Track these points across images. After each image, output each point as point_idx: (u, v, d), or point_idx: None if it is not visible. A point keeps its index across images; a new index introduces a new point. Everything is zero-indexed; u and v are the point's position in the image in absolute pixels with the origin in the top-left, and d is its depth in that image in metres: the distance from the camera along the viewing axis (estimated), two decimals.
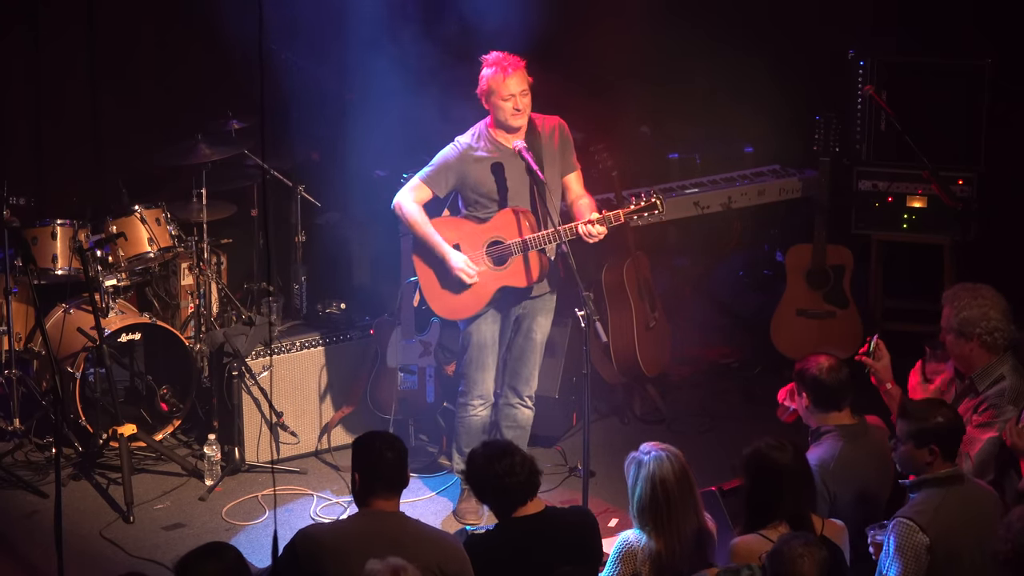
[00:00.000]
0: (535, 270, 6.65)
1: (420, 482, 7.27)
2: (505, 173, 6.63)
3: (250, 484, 7.29)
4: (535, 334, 6.81)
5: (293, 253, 8.21)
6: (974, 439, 5.72)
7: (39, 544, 6.63)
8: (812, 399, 5.68)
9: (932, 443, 5.11)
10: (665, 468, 5.03)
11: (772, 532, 4.95)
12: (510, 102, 6.53)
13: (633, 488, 5.08)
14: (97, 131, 8.70)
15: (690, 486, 5.07)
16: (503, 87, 6.53)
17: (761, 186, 8.63)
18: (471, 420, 6.89)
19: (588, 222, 6.49)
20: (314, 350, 7.58)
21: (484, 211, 6.67)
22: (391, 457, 5.02)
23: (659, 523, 5.01)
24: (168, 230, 7.78)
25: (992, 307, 5.88)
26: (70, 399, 7.36)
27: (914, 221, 8.33)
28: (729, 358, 8.70)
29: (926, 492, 5.12)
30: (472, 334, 6.78)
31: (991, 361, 5.87)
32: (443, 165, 6.66)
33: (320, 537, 4.94)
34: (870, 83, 8.18)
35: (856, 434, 5.64)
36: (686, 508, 5.03)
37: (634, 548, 5.02)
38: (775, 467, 5.00)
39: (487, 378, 6.83)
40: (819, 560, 4.50)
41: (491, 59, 6.59)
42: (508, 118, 6.56)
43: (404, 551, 4.72)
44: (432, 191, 6.67)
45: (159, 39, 8.74)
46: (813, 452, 5.60)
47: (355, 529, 5.01)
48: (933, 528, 4.98)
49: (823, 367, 5.65)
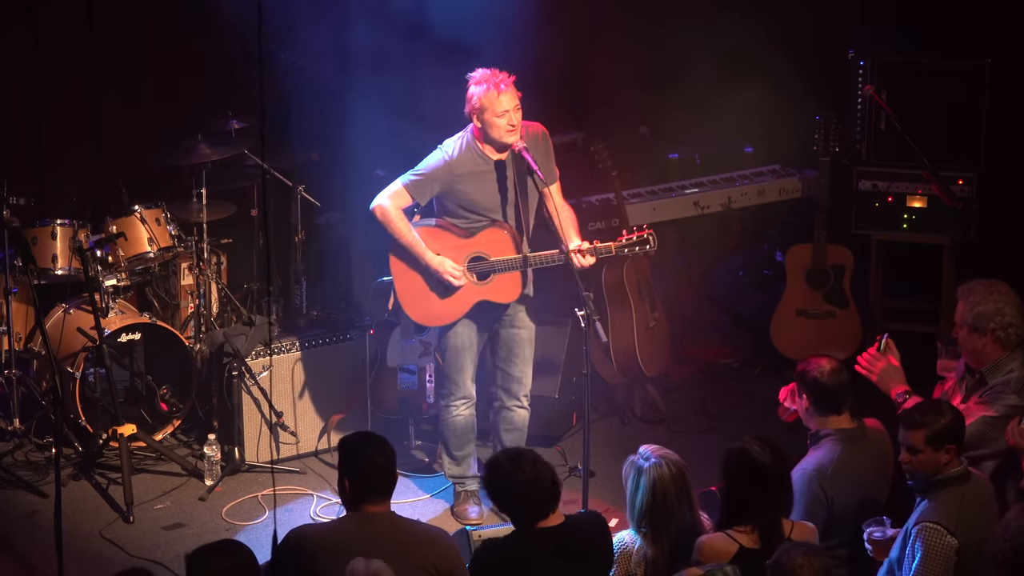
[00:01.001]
0: (518, 288, 6.66)
1: (419, 483, 7.26)
2: (489, 185, 6.61)
3: (250, 484, 7.29)
4: (519, 332, 6.80)
5: (293, 253, 8.20)
6: (969, 412, 5.76)
7: (39, 544, 6.62)
8: (812, 401, 5.67)
9: (948, 443, 5.13)
10: (664, 475, 5.03)
11: (741, 533, 4.94)
12: (504, 119, 6.48)
13: (633, 494, 5.07)
14: (97, 131, 8.70)
15: (687, 490, 5.07)
16: (497, 104, 6.47)
17: (761, 186, 8.63)
18: (455, 421, 6.89)
19: (579, 251, 6.48)
20: (314, 350, 7.58)
21: (465, 221, 6.66)
22: (381, 462, 4.97)
23: (656, 528, 5.02)
24: (168, 230, 7.78)
25: (1007, 303, 5.90)
26: (70, 399, 7.36)
27: (914, 221, 8.33)
28: (729, 358, 8.69)
29: (946, 493, 5.11)
30: (448, 337, 6.78)
31: (1003, 356, 5.88)
32: (428, 176, 6.60)
33: (312, 537, 4.91)
34: (870, 83, 8.18)
35: (855, 438, 5.63)
36: (683, 512, 5.04)
37: (629, 549, 5.03)
38: (754, 467, 4.99)
39: (466, 378, 6.83)
40: (820, 569, 4.48)
41: (479, 76, 6.52)
42: (503, 135, 6.51)
43: (398, 551, 4.72)
44: (413, 199, 6.63)
45: (159, 39, 8.74)
46: (812, 456, 5.59)
47: (347, 530, 4.98)
48: (960, 530, 5.00)
49: (824, 370, 5.64)
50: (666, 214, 8.41)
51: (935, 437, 5.12)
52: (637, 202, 8.33)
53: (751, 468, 4.99)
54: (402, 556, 4.74)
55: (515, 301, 6.74)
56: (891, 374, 5.94)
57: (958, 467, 5.15)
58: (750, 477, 5.00)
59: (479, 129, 6.56)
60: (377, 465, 4.96)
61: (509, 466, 5.00)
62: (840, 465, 5.53)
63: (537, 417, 7.08)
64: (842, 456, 5.55)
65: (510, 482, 4.99)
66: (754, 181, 8.67)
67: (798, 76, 8.83)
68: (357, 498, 4.98)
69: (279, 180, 8.11)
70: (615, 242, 6.55)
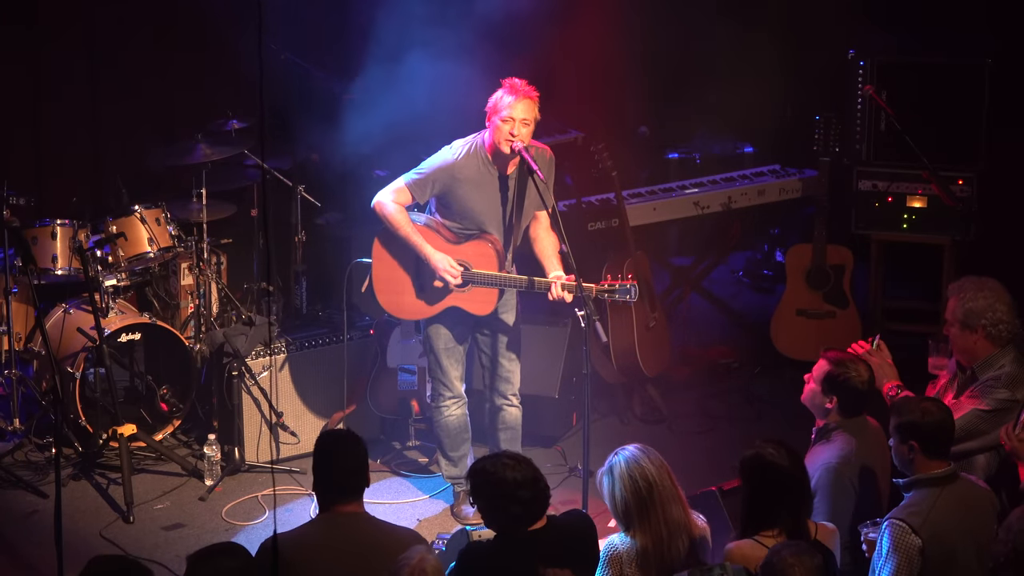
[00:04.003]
0: (492, 304, 6.66)
1: (418, 483, 7.26)
2: (487, 196, 6.61)
3: (250, 484, 7.29)
4: (502, 332, 6.80)
5: (293, 253, 8.20)
6: (960, 405, 5.75)
7: (39, 544, 6.62)
8: (841, 403, 5.65)
9: (911, 439, 5.12)
10: (639, 459, 4.97)
11: (768, 538, 4.93)
12: (508, 125, 6.45)
13: (610, 494, 5.03)
14: (97, 131, 8.71)
15: (668, 475, 5.01)
16: (506, 108, 6.45)
17: (761, 186, 8.63)
18: (447, 421, 6.89)
19: (561, 286, 6.45)
20: (314, 350, 7.58)
21: (457, 224, 6.66)
22: (351, 465, 4.97)
23: (642, 515, 4.94)
24: (168, 230, 7.78)
25: (998, 300, 5.92)
26: (70, 399, 7.36)
27: (914, 221, 8.33)
28: (729, 358, 8.69)
29: (919, 492, 5.12)
30: (432, 337, 6.79)
31: (994, 352, 5.89)
32: (431, 175, 6.60)
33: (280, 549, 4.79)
34: (870, 83, 8.18)
35: (862, 429, 5.64)
36: (667, 497, 4.96)
37: (619, 551, 4.98)
38: (774, 471, 4.98)
39: (453, 379, 6.83)
40: (810, 568, 4.48)
41: (508, 81, 6.53)
42: (501, 140, 6.48)
43: (364, 552, 4.72)
44: (413, 197, 6.64)
45: (159, 39, 8.74)
46: (827, 450, 5.58)
47: (316, 533, 4.97)
48: (926, 529, 4.98)
49: (864, 379, 5.62)
50: (666, 214, 8.41)
51: (899, 428, 5.14)
52: (637, 202, 8.33)
53: (771, 473, 4.97)
54: (368, 557, 4.74)
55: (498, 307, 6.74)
56: (884, 370, 5.95)
57: (938, 470, 5.13)
58: (771, 482, 4.97)
59: (489, 134, 6.56)
60: (347, 468, 4.96)
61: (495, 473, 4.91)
62: (860, 455, 5.53)
63: (537, 417, 7.08)
64: (859, 447, 5.54)
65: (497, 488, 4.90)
66: (754, 181, 8.67)
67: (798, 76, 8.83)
68: (328, 499, 4.98)
69: (279, 180, 8.11)
70: (596, 285, 6.52)
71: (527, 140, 6.51)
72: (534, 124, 6.52)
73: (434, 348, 6.80)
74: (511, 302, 6.83)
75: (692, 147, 9.56)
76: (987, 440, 5.83)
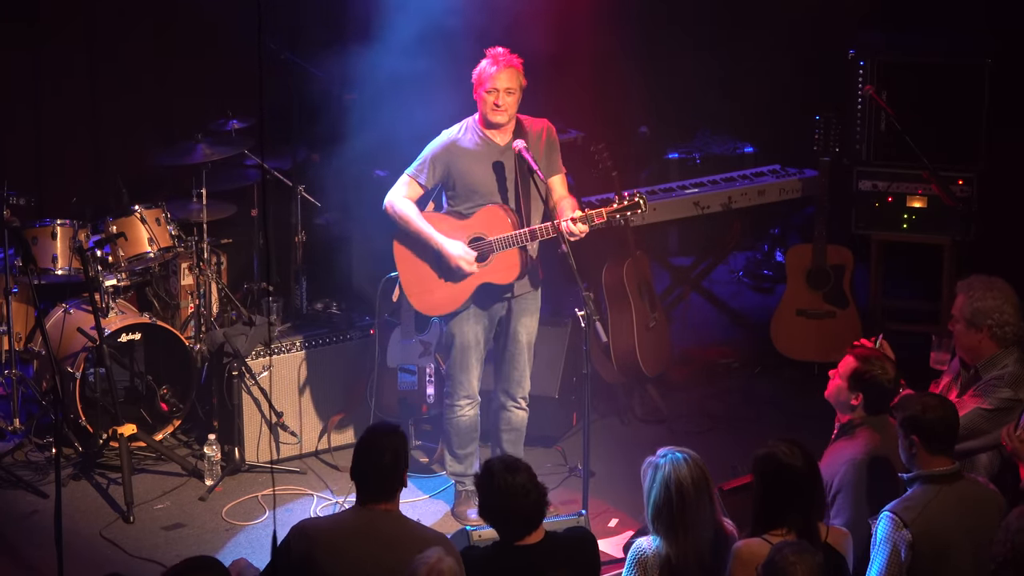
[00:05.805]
0: (517, 267, 6.64)
1: (419, 483, 7.26)
2: (490, 168, 6.62)
3: (250, 484, 7.29)
4: (521, 336, 6.80)
5: (293, 253, 8.20)
6: (963, 404, 5.76)
7: (39, 544, 6.62)
8: (867, 401, 5.64)
9: (913, 434, 5.12)
10: (682, 470, 4.95)
11: (777, 537, 4.90)
12: (492, 96, 6.50)
13: (648, 491, 5.00)
14: (97, 131, 8.71)
15: (707, 488, 4.98)
16: (488, 79, 6.51)
17: (761, 186, 8.63)
18: (459, 420, 6.88)
19: (571, 219, 6.47)
20: (314, 350, 7.58)
21: (466, 205, 6.66)
22: (388, 463, 4.96)
23: (673, 527, 4.93)
24: (168, 230, 7.78)
25: (1007, 301, 5.94)
26: (70, 399, 7.36)
27: (914, 221, 8.33)
28: (729, 358, 8.69)
29: (919, 488, 5.12)
30: (455, 335, 6.78)
31: (998, 352, 5.90)
32: (429, 157, 6.65)
33: (314, 533, 4.93)
34: (870, 83, 8.18)
35: (885, 426, 5.62)
36: (701, 512, 4.94)
37: (646, 555, 4.96)
38: (786, 470, 4.96)
39: (472, 378, 6.82)
40: (811, 566, 4.47)
41: (490, 51, 6.58)
42: (488, 111, 6.54)
43: (397, 550, 4.73)
44: (420, 184, 6.66)
45: (159, 38, 8.74)
46: (849, 445, 5.57)
47: (350, 525, 5.00)
48: (917, 525, 4.98)
49: (891, 377, 5.60)
50: (666, 214, 8.41)
51: (902, 422, 5.15)
52: None
53: (783, 471, 4.95)
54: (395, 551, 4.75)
55: (523, 302, 6.73)
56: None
57: (941, 467, 5.14)
58: (783, 480, 4.94)
59: (478, 107, 6.59)
60: (383, 467, 4.95)
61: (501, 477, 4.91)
62: (884, 451, 5.51)
63: (537, 417, 7.07)
64: (882, 442, 5.53)
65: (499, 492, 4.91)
66: (754, 181, 8.67)
67: (798, 76, 8.83)
68: (362, 496, 5.00)
69: (279, 180, 8.11)
70: (607, 208, 6.53)
71: (513, 109, 6.55)
72: (520, 92, 6.57)
73: (456, 345, 6.77)
74: (534, 305, 6.81)
75: (692, 147, 9.56)
76: (989, 439, 5.84)
